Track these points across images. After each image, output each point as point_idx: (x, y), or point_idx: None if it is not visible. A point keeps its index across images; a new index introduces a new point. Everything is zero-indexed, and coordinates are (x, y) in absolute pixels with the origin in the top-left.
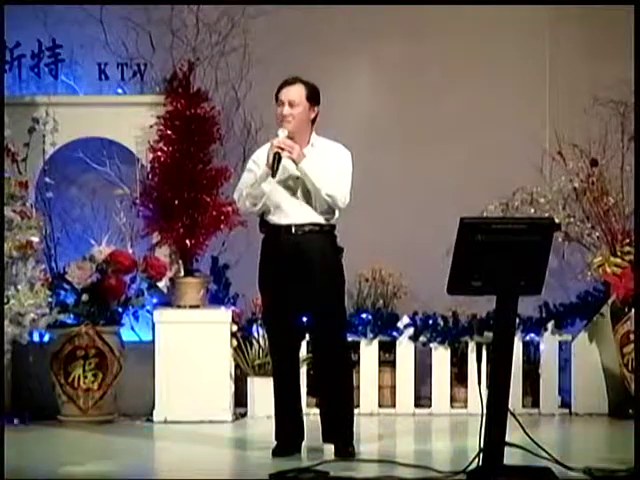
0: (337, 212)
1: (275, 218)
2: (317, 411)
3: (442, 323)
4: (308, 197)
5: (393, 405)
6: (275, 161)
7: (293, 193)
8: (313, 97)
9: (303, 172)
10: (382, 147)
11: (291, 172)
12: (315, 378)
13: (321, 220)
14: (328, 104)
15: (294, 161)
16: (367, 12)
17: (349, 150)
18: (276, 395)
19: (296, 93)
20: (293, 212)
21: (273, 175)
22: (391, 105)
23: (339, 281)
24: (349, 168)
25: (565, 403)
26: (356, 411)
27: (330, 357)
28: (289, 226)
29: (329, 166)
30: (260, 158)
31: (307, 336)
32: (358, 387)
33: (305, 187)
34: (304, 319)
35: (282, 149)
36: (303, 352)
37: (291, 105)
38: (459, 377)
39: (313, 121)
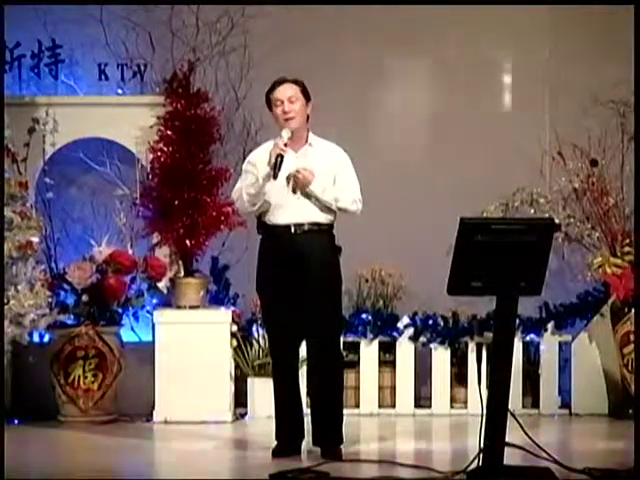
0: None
1: (274, 218)
2: None
3: (442, 323)
4: (307, 195)
5: (393, 405)
6: (277, 162)
7: (292, 191)
8: (306, 93)
9: (313, 194)
10: (382, 147)
11: (290, 171)
12: (308, 377)
13: (321, 219)
14: (327, 104)
15: (304, 186)
16: (366, 12)
17: (347, 150)
18: (276, 395)
19: (292, 90)
20: (292, 211)
21: (275, 176)
22: (390, 105)
23: (336, 280)
24: (353, 171)
25: (565, 403)
26: (356, 411)
27: (323, 355)
28: (288, 225)
29: (328, 168)
30: (257, 159)
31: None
32: (358, 387)
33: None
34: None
35: (284, 150)
36: (303, 352)
37: (290, 101)
38: (459, 377)
39: (308, 118)
